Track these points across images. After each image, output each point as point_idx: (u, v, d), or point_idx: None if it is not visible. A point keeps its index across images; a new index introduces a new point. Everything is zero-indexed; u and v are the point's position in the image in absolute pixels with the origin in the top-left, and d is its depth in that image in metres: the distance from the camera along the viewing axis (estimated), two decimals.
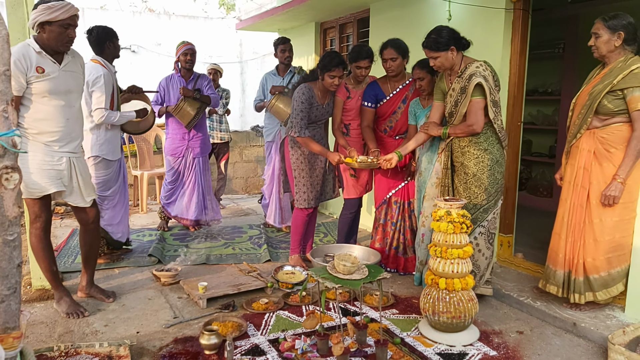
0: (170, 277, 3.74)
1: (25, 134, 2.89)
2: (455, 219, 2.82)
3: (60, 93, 2.94)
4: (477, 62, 3.16)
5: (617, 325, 2.95)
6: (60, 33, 2.85)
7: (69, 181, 3.07)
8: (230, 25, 9.83)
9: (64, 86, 2.97)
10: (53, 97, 2.91)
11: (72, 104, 3.05)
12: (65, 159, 3.02)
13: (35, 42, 2.86)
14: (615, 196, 2.92)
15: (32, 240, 3.09)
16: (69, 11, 2.83)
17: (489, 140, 3.21)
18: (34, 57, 2.83)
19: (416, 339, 2.93)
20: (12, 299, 2.02)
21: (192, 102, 4.79)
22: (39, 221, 3.04)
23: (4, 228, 1.96)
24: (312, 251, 3.81)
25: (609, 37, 2.90)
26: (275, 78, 5.22)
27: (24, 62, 2.79)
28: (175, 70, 4.89)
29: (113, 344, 2.68)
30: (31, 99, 2.87)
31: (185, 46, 4.79)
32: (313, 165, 3.95)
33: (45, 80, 2.86)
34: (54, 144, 2.96)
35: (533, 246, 4.29)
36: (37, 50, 2.85)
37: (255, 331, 2.98)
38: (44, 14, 2.78)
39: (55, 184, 3.00)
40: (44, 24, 2.81)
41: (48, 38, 2.85)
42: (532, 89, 5.83)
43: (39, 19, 2.79)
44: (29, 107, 2.87)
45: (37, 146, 2.91)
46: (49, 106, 2.91)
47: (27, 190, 2.91)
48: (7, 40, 1.95)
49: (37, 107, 2.88)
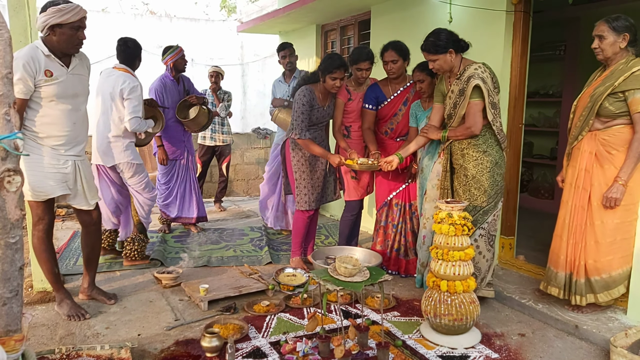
0: (172, 279, 3.74)
1: (32, 137, 2.90)
2: (457, 221, 2.82)
3: (67, 97, 2.95)
4: (476, 64, 3.16)
5: (619, 327, 2.94)
6: (71, 35, 2.85)
7: (74, 184, 3.08)
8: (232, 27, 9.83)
9: (72, 90, 2.97)
10: (60, 101, 2.91)
11: (79, 108, 3.06)
12: (70, 162, 3.03)
13: (43, 45, 2.85)
14: (616, 198, 2.92)
15: (34, 242, 3.09)
16: (79, 13, 2.84)
17: (488, 142, 3.21)
18: (43, 60, 2.82)
19: (418, 341, 2.92)
20: (14, 302, 2.02)
21: (201, 109, 4.93)
22: (42, 223, 3.04)
23: (6, 231, 1.96)
24: (313, 253, 3.81)
25: (614, 38, 2.90)
26: (282, 85, 5.25)
27: (33, 65, 2.78)
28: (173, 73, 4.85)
29: (114, 347, 2.68)
30: (39, 103, 2.87)
31: (182, 50, 4.83)
32: (314, 167, 3.95)
33: (53, 84, 2.86)
34: (60, 147, 2.96)
35: (534, 248, 4.28)
36: (46, 54, 2.84)
37: (256, 334, 2.98)
38: (54, 16, 2.77)
39: (61, 187, 3.00)
40: (54, 26, 2.80)
41: (58, 41, 2.84)
42: (534, 91, 5.83)
43: (50, 21, 2.78)
44: (37, 111, 2.87)
45: (43, 150, 2.92)
46: (56, 110, 2.91)
47: (32, 193, 2.91)
48: (9, 43, 1.96)
49: (45, 111, 2.89)
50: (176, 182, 5.04)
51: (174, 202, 5.07)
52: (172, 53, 4.78)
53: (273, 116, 4.95)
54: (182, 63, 4.84)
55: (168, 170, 4.99)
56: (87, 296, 3.42)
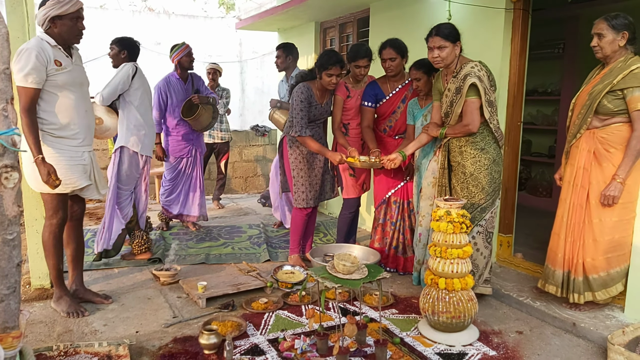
0: (170, 276, 3.73)
1: (50, 130, 2.93)
2: (455, 219, 2.82)
3: (76, 85, 3.02)
4: (472, 63, 3.16)
5: (616, 325, 2.95)
6: (71, 26, 2.93)
7: (91, 175, 3.14)
8: (230, 24, 9.81)
9: (79, 78, 3.06)
10: (71, 90, 2.97)
11: (86, 97, 3.14)
12: (86, 154, 3.10)
13: (48, 37, 2.90)
14: (614, 196, 2.92)
15: (45, 236, 3.09)
16: (76, 4, 2.92)
17: (485, 140, 3.21)
18: (51, 51, 2.88)
19: (416, 338, 2.93)
20: (12, 299, 2.02)
21: (207, 108, 4.91)
22: (56, 217, 3.06)
23: (4, 227, 1.95)
24: (311, 251, 3.80)
25: (613, 37, 2.90)
26: (283, 85, 5.28)
27: (44, 55, 2.83)
28: (178, 71, 4.86)
29: (112, 344, 2.68)
30: (53, 92, 2.91)
31: (187, 47, 4.82)
32: (312, 165, 3.95)
33: (63, 72, 2.92)
34: (75, 137, 3.01)
35: (532, 246, 4.29)
36: (53, 45, 2.90)
37: (254, 331, 2.98)
38: (54, 8, 2.85)
39: (84, 177, 3.08)
40: (54, 18, 2.88)
41: (60, 32, 2.91)
42: (532, 89, 5.83)
43: (51, 13, 2.85)
44: (51, 102, 2.91)
45: (61, 143, 2.97)
46: (69, 99, 2.96)
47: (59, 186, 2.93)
48: (6, 38, 1.95)
49: (60, 101, 2.93)
50: (181, 180, 5.05)
51: (176, 199, 5.06)
52: (177, 50, 4.79)
53: (269, 115, 4.97)
54: (188, 60, 4.82)
55: (174, 167, 5.00)
56: (80, 298, 3.32)
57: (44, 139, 2.90)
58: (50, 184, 2.77)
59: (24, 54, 2.78)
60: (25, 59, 2.76)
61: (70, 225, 3.26)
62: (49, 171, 2.75)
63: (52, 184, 2.77)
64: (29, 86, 2.77)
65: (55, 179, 2.77)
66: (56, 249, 3.11)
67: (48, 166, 2.76)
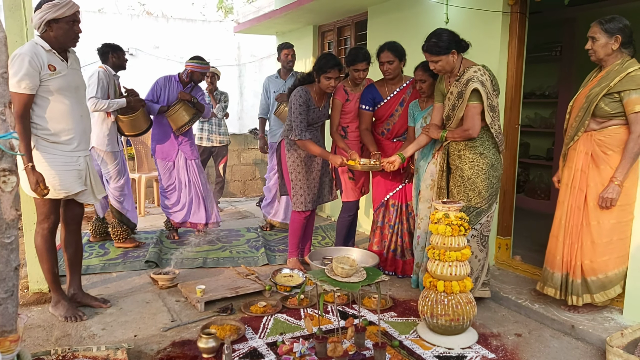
0: (168, 280, 3.73)
1: (44, 136, 2.91)
2: (454, 222, 2.82)
3: (71, 90, 2.99)
4: (476, 67, 3.15)
5: (615, 327, 2.95)
6: (67, 29, 2.91)
7: (86, 180, 3.12)
8: (228, 28, 9.83)
9: (74, 83, 3.02)
10: (66, 95, 2.95)
11: (82, 102, 3.11)
12: (82, 159, 3.08)
13: (43, 41, 2.89)
14: (612, 198, 2.92)
15: (37, 240, 3.08)
16: (73, 7, 2.90)
17: (485, 145, 3.21)
18: (45, 55, 2.86)
19: (414, 341, 2.92)
20: (10, 302, 2.01)
21: (188, 107, 4.68)
22: (47, 222, 3.05)
23: (2, 231, 1.95)
24: (310, 254, 3.80)
25: (606, 40, 2.92)
26: (278, 81, 5.26)
27: (37, 60, 2.82)
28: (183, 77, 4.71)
29: (111, 348, 2.67)
30: (47, 98, 2.89)
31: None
32: (310, 168, 3.95)
33: (57, 77, 2.90)
34: (70, 142, 2.99)
35: (531, 249, 4.29)
36: (47, 49, 2.88)
37: (253, 334, 2.98)
38: (50, 12, 2.82)
39: (78, 183, 3.05)
40: (51, 22, 2.85)
41: (56, 35, 2.89)
42: (530, 91, 5.85)
43: (46, 17, 2.83)
44: (45, 107, 2.89)
45: (55, 148, 2.95)
46: (63, 104, 2.94)
47: (53, 191, 2.92)
48: (4, 43, 1.95)
49: (53, 106, 2.91)
50: (174, 185, 4.84)
51: (176, 207, 4.89)
52: (199, 64, 4.64)
53: (278, 111, 4.97)
54: (200, 77, 4.72)
55: (164, 172, 4.83)
56: (78, 302, 3.31)
57: (38, 144, 2.89)
58: (38, 193, 2.76)
59: (17, 60, 2.76)
60: (18, 65, 2.75)
61: (68, 230, 3.25)
62: (37, 180, 2.73)
63: (39, 192, 2.76)
64: (22, 92, 2.76)
65: (43, 188, 2.75)
66: (49, 253, 3.10)
67: (37, 175, 2.74)
